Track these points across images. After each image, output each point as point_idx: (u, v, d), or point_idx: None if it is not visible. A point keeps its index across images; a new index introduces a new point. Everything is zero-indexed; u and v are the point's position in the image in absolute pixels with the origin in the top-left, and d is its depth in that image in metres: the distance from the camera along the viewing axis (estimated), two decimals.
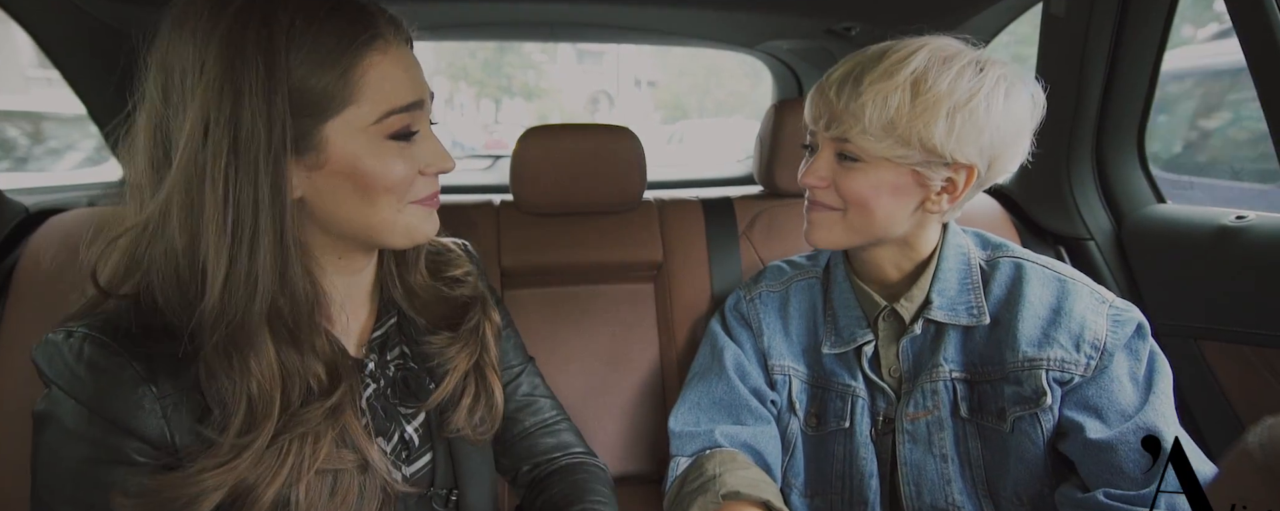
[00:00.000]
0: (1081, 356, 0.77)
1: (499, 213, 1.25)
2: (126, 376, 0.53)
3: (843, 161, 0.78)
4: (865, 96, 0.73)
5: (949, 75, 0.72)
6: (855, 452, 0.86)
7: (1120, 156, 1.25)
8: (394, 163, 0.57)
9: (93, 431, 0.53)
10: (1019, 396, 0.79)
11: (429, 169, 0.61)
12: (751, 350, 0.94)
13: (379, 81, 0.56)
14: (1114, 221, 1.28)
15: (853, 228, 0.81)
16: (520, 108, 8.63)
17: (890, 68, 0.73)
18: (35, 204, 1.12)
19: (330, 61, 0.53)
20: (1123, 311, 0.79)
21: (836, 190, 0.79)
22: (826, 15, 1.40)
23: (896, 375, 0.86)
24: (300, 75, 0.53)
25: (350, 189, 0.57)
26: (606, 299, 1.25)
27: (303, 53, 0.53)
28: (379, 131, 0.56)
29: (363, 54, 0.55)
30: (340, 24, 0.54)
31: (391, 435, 0.69)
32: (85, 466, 0.54)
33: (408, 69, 0.58)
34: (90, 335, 0.53)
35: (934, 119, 0.72)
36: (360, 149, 0.56)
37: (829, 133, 0.77)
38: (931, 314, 0.82)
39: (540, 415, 0.84)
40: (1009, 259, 0.85)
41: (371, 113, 0.56)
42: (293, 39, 0.52)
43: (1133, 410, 0.75)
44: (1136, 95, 1.18)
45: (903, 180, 0.77)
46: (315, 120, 0.54)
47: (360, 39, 0.55)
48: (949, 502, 0.82)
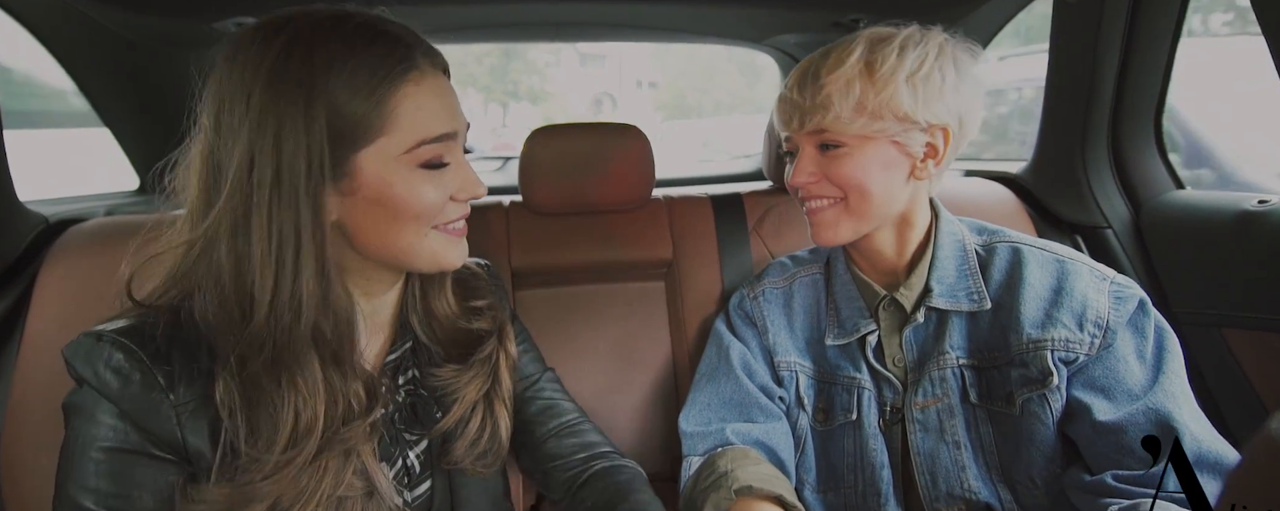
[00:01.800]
0: (1085, 335, 0.77)
1: (508, 213, 1.26)
2: (147, 382, 0.56)
3: (826, 151, 0.81)
4: (827, 88, 0.77)
5: (893, 50, 0.77)
6: (865, 444, 0.86)
7: (1137, 143, 1.23)
8: (424, 189, 0.59)
9: (118, 424, 0.56)
10: (1026, 378, 0.79)
11: (460, 195, 0.63)
12: (757, 348, 0.94)
13: (412, 112, 0.57)
14: (1132, 209, 1.26)
15: (856, 214, 0.82)
16: (526, 111, 8.77)
17: (840, 57, 0.78)
18: (55, 214, 1.14)
19: (366, 92, 0.55)
20: (1124, 288, 0.79)
21: (828, 180, 0.81)
22: (833, 8, 1.39)
23: (901, 365, 0.86)
24: (337, 106, 0.55)
25: (380, 213, 0.59)
26: (617, 297, 1.25)
27: (341, 84, 0.55)
28: (410, 160, 0.58)
29: (398, 85, 0.57)
30: (377, 55, 0.56)
31: (395, 460, 0.69)
32: (106, 456, 0.56)
33: (442, 99, 0.60)
34: (118, 340, 0.56)
35: (896, 89, 0.76)
36: (391, 176, 0.58)
37: (804, 128, 0.81)
38: (932, 301, 0.83)
39: (562, 417, 0.84)
40: (1006, 243, 0.86)
41: (404, 142, 0.57)
42: (332, 71, 0.54)
43: (1140, 390, 0.74)
44: (1152, 80, 1.16)
45: (887, 154, 0.79)
46: (350, 148, 0.56)
47: (396, 70, 0.56)
48: (965, 489, 0.82)
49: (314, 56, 0.54)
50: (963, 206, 1.20)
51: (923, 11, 0.85)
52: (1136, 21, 1.12)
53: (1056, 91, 1.27)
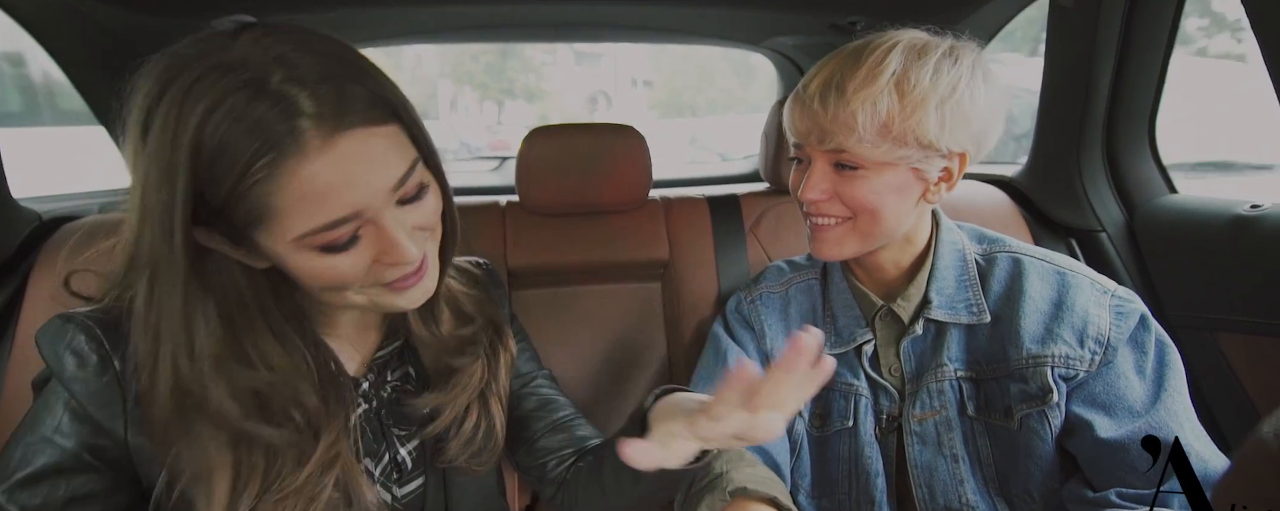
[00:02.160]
0: (1085, 352, 0.76)
1: (505, 214, 1.25)
2: (102, 366, 0.56)
3: (841, 170, 0.77)
4: (853, 104, 0.71)
5: (928, 69, 0.71)
6: (860, 452, 0.86)
7: (1131, 147, 1.23)
8: (330, 266, 0.53)
9: (63, 418, 0.56)
10: (1025, 394, 0.78)
11: (385, 260, 0.54)
12: (754, 351, 0.93)
13: (290, 205, 0.49)
14: (1126, 212, 1.26)
15: (863, 234, 0.79)
16: (522, 109, 8.80)
17: (871, 71, 0.71)
18: (47, 211, 1.13)
19: (236, 183, 0.47)
20: (1125, 302, 0.78)
21: (840, 199, 0.78)
22: (830, 10, 1.39)
23: (897, 374, 0.85)
24: (210, 192, 0.48)
25: (297, 279, 0.55)
26: (614, 298, 1.25)
27: (211, 169, 0.47)
28: (303, 245, 0.51)
29: (270, 177, 0.47)
30: (249, 131, 0.46)
31: (381, 456, 0.69)
32: (44, 444, 0.56)
33: (332, 181, 0.49)
34: (84, 323, 0.56)
35: (925, 116, 0.71)
36: (289, 256, 0.52)
37: (823, 146, 0.75)
38: (931, 313, 0.82)
39: (556, 414, 0.84)
40: (1006, 253, 0.84)
41: (288, 232, 0.50)
42: (202, 147, 0.47)
43: (1141, 407, 0.74)
44: (1147, 85, 1.17)
45: (903, 179, 0.76)
46: (240, 229, 0.51)
47: (265, 159, 0.47)
48: (962, 503, 0.82)
49: (184, 124, 0.46)
50: (958, 210, 1.20)
51: (922, 13, 0.85)
52: (1132, 25, 1.13)
53: (1052, 94, 1.27)
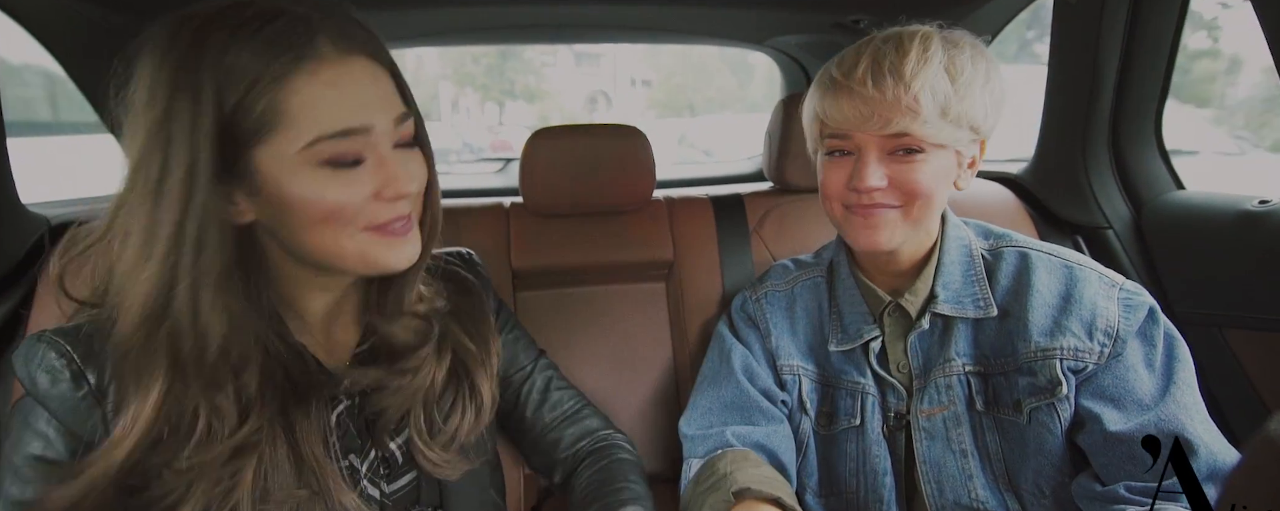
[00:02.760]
0: (1094, 344, 0.76)
1: (509, 215, 1.26)
2: (75, 383, 0.56)
3: (896, 156, 0.75)
4: (914, 87, 0.71)
5: (966, 56, 0.74)
6: (867, 450, 0.86)
7: (1137, 142, 1.23)
8: (328, 190, 0.54)
9: (47, 432, 0.57)
10: (1034, 387, 0.78)
11: (386, 192, 0.56)
12: (760, 351, 0.93)
13: (307, 106, 0.52)
14: (1132, 209, 1.26)
15: (915, 221, 0.78)
16: (523, 109, 8.86)
17: (922, 55, 0.72)
18: (56, 216, 1.14)
19: (249, 84, 0.50)
20: (1134, 295, 0.78)
21: (894, 187, 0.76)
22: (834, 9, 1.39)
23: (904, 371, 0.85)
24: (221, 101, 0.50)
25: (290, 216, 0.55)
26: (618, 299, 1.25)
27: (225, 77, 0.50)
28: (310, 157, 0.53)
29: (287, 77, 0.51)
30: (265, 42, 0.51)
31: (366, 452, 0.68)
32: (30, 464, 0.57)
33: (346, 90, 0.53)
34: (54, 341, 0.57)
35: (975, 98, 0.73)
36: (288, 176, 0.53)
37: (885, 130, 0.73)
38: (938, 307, 0.82)
39: (560, 407, 0.83)
40: (1013, 248, 0.84)
41: (298, 139, 0.52)
42: (219, 64, 0.50)
43: (1151, 400, 0.74)
44: (1153, 79, 1.16)
45: (950, 163, 0.77)
46: (243, 147, 0.52)
47: (283, 59, 0.51)
48: (972, 498, 0.82)
49: (203, 49, 0.50)
50: (963, 207, 1.20)
51: (925, 10, 0.84)
52: (1137, 21, 1.12)
53: (1057, 91, 1.27)
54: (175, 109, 0.50)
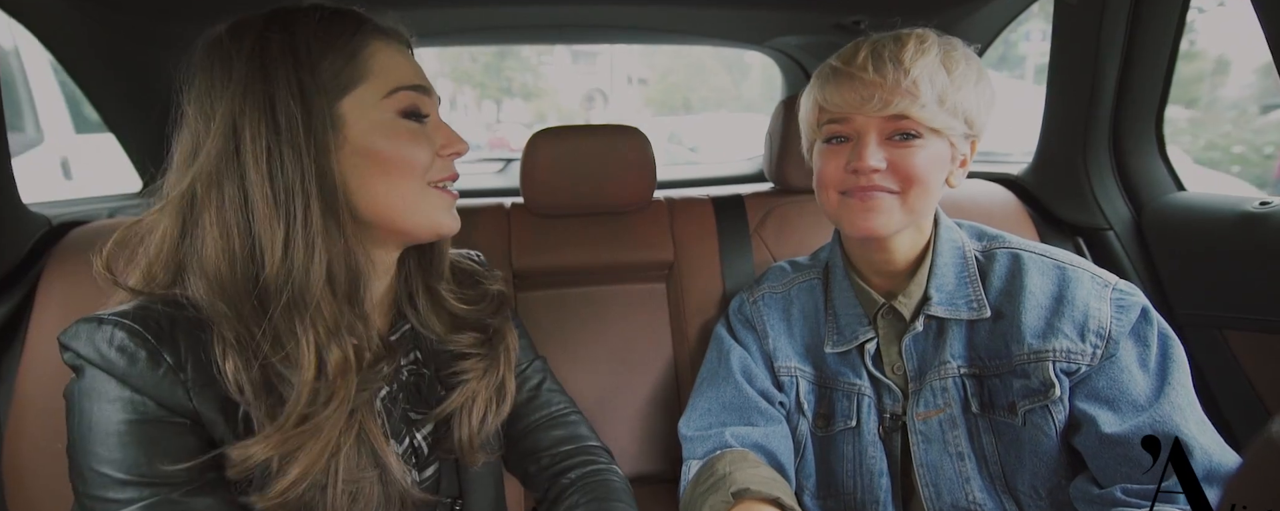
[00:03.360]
0: (1087, 346, 0.76)
1: (510, 215, 1.26)
2: (153, 359, 0.56)
3: (894, 140, 0.77)
4: (914, 72, 0.73)
5: (960, 54, 0.77)
6: (864, 452, 0.86)
7: (1138, 144, 1.23)
8: (406, 140, 0.62)
9: (132, 397, 0.56)
10: (1027, 389, 0.78)
11: (444, 150, 0.65)
12: (757, 352, 0.94)
13: (385, 63, 0.61)
14: (1133, 211, 1.25)
15: (911, 208, 0.79)
16: (520, 107, 8.90)
17: (920, 46, 0.75)
18: (57, 216, 1.14)
19: (340, 46, 0.60)
20: (1126, 295, 0.78)
21: (892, 172, 0.77)
22: (835, 10, 1.39)
23: (900, 373, 0.85)
24: (315, 61, 0.58)
25: (370, 167, 0.61)
26: (618, 299, 1.25)
27: (318, 45, 0.59)
28: (390, 106, 0.61)
29: (368, 40, 0.61)
30: (344, 22, 0.61)
31: (403, 439, 0.69)
32: (127, 427, 0.56)
33: (409, 61, 0.65)
34: (120, 321, 0.56)
35: (968, 92, 0.76)
36: (373, 122, 0.60)
37: (886, 112, 0.75)
38: (931, 309, 0.82)
39: (547, 408, 0.83)
40: (1005, 250, 0.84)
41: (381, 87, 0.61)
42: (311, 35, 0.59)
43: (1145, 401, 0.74)
44: (1154, 81, 1.16)
45: (944, 153, 0.78)
46: (332, 98, 0.59)
47: (364, 28, 0.62)
48: (970, 501, 0.82)
49: (294, 27, 0.59)
50: (963, 209, 1.20)
51: (925, 12, 0.85)
52: (1137, 22, 1.12)
53: (1057, 92, 1.27)
54: (277, 73, 0.57)
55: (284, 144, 0.57)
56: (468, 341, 0.73)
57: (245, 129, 0.56)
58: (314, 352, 0.58)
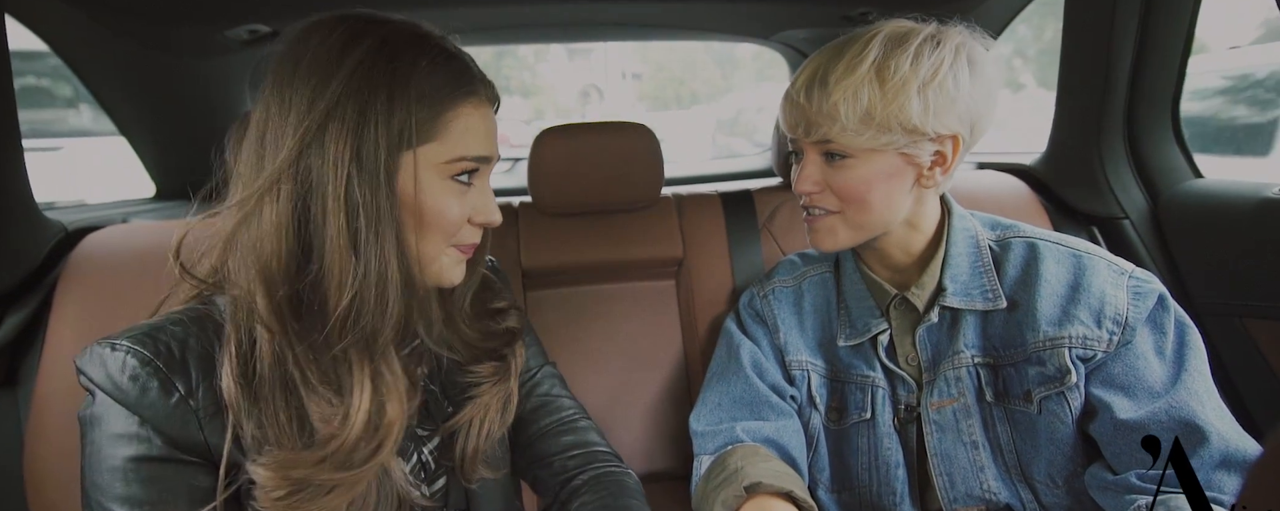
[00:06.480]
0: (1103, 332, 0.76)
1: (518, 214, 1.26)
2: (165, 388, 0.56)
3: (831, 160, 0.78)
4: (835, 95, 0.74)
5: (908, 56, 0.73)
6: (879, 443, 0.86)
7: (1154, 131, 1.21)
8: (450, 202, 0.61)
9: (140, 432, 0.56)
10: (1043, 376, 0.77)
11: (477, 217, 0.65)
12: (768, 346, 0.93)
13: (462, 130, 0.61)
14: (1149, 199, 1.24)
15: (855, 225, 0.80)
16: (518, 104, 8.98)
17: (851, 62, 0.74)
18: (72, 221, 1.15)
19: (431, 100, 0.59)
20: (1143, 282, 0.77)
21: (830, 190, 0.79)
22: (841, 2, 1.38)
23: (914, 363, 0.85)
24: (407, 103, 0.58)
25: (407, 217, 0.60)
26: (628, 297, 1.25)
27: (414, 87, 0.58)
28: (445, 170, 0.61)
29: (458, 102, 0.61)
30: (449, 73, 0.61)
31: (410, 455, 0.70)
32: (134, 465, 0.56)
33: (487, 126, 0.64)
34: (132, 348, 0.56)
35: (907, 101, 0.73)
36: (425, 180, 0.60)
37: (810, 138, 0.78)
38: (946, 300, 0.81)
39: (557, 414, 0.83)
40: (1021, 239, 0.84)
41: (447, 153, 0.60)
42: (411, 74, 0.58)
43: (1162, 388, 0.73)
44: (1170, 66, 1.14)
45: (893, 165, 0.77)
46: (407, 146, 0.59)
47: (460, 90, 0.61)
48: (985, 490, 0.81)
49: (397, 59, 0.58)
50: (977, 199, 1.18)
51: (933, 3, 0.84)
52: (1151, 7, 1.10)
53: (1070, 80, 1.25)
54: (372, 103, 0.56)
55: (365, 173, 0.57)
56: (485, 371, 0.74)
57: (334, 148, 0.56)
58: (368, 391, 0.58)
